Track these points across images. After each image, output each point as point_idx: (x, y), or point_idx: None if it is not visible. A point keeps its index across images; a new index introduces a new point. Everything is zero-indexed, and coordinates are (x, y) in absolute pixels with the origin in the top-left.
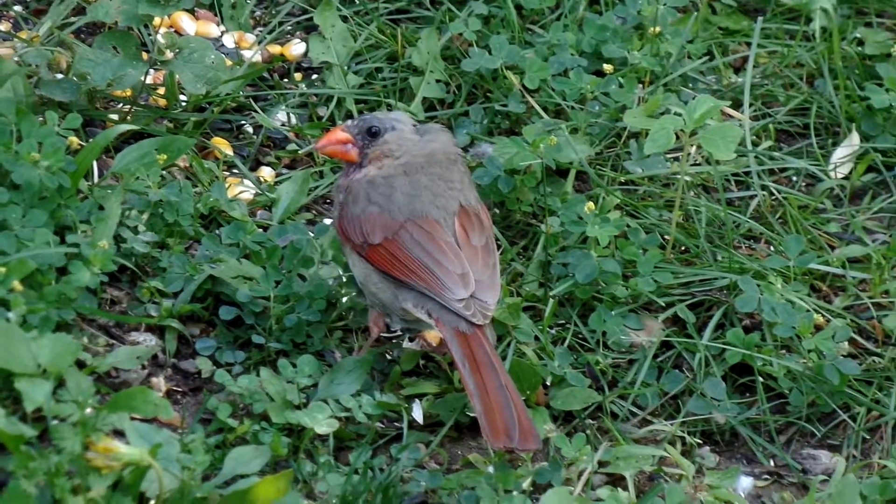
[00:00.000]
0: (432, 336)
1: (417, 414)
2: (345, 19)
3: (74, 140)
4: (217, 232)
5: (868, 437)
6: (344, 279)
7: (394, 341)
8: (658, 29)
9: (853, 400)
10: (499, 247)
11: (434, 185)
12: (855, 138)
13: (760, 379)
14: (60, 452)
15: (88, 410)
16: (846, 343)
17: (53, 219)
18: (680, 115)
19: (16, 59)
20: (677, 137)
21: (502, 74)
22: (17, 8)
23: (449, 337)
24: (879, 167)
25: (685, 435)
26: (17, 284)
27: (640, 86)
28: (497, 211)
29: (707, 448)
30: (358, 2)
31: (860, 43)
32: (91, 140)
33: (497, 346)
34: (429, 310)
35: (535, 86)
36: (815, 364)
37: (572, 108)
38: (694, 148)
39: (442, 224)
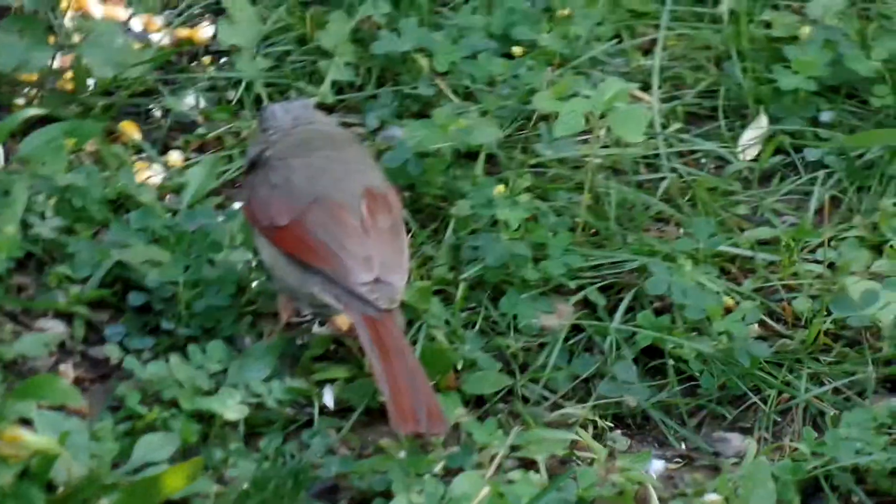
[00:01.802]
0: (342, 321)
1: (328, 399)
2: (254, 2)
3: None
4: (126, 217)
5: (779, 419)
6: (254, 264)
7: (304, 326)
8: (567, 11)
9: (764, 382)
10: (409, 230)
11: (332, 167)
12: (763, 120)
13: (671, 362)
14: None
15: None
16: (756, 325)
17: None
18: (589, 97)
19: None
20: (587, 120)
21: (412, 58)
22: None
23: (357, 322)
24: (787, 149)
25: (597, 419)
26: None
27: (550, 68)
28: (407, 194)
29: (619, 431)
30: None
31: (767, 25)
32: None
33: (407, 330)
34: (336, 294)
35: (444, 69)
36: (726, 346)
37: (482, 90)
38: (603, 130)
39: (347, 206)
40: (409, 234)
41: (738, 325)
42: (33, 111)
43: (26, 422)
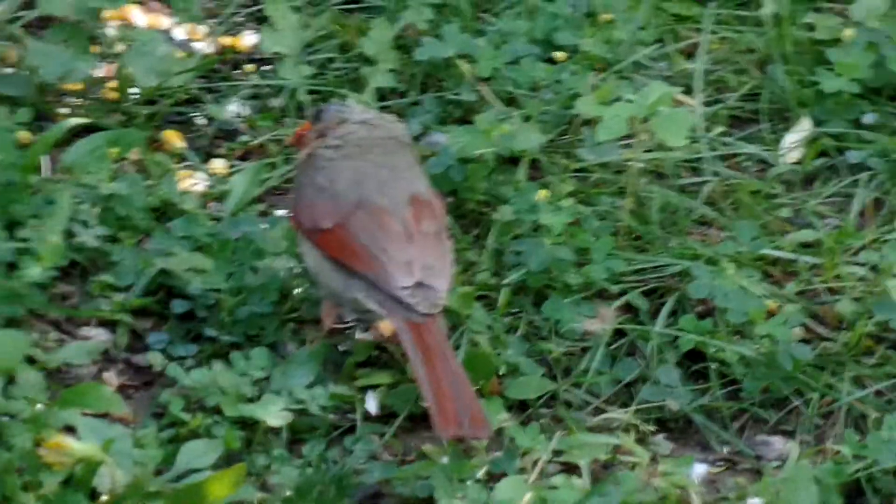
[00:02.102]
0: (385, 327)
1: (371, 405)
2: (296, 10)
3: (25, 134)
4: (169, 225)
5: (821, 422)
6: (297, 271)
7: (347, 332)
8: (609, 16)
9: (806, 385)
10: (452, 236)
11: (378, 172)
12: (806, 123)
13: (714, 365)
14: (11, 449)
15: (39, 407)
16: (799, 328)
17: (4, 214)
18: (632, 101)
19: None
20: (630, 124)
21: (454, 63)
22: None
23: (400, 327)
24: (830, 152)
25: (639, 423)
26: None
27: (593, 73)
28: (450, 200)
29: (661, 435)
30: None
31: (810, 28)
32: (42, 134)
33: (450, 335)
34: (379, 300)
35: (487, 74)
36: (768, 350)
37: (525, 96)
38: (646, 135)
39: (391, 211)
40: (452, 240)
41: (780, 328)
42: (77, 120)
43: (70, 429)
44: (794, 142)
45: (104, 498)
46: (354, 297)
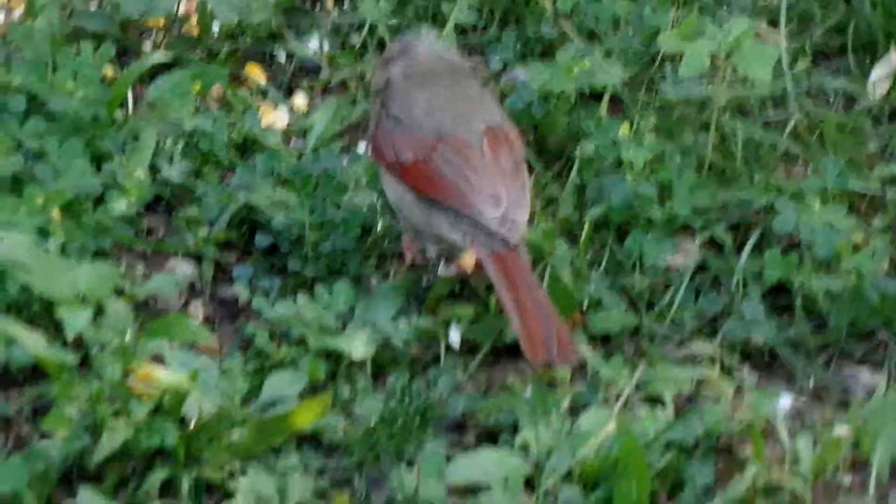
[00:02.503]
0: (467, 261)
1: (454, 338)
2: None
3: (109, 70)
4: (251, 160)
5: None
6: (378, 206)
7: (429, 266)
8: None
9: (893, 319)
10: (533, 171)
11: (453, 101)
12: (894, 57)
13: (799, 300)
14: (101, 379)
15: (128, 338)
16: (886, 262)
17: (89, 149)
18: (715, 36)
19: None
20: (712, 60)
21: None
22: None
23: (485, 257)
24: None
25: (724, 356)
26: (55, 214)
27: (674, 8)
28: (531, 136)
29: (746, 369)
30: None
31: None
32: (125, 70)
33: (533, 269)
34: (463, 231)
35: (567, 9)
36: (855, 284)
37: (606, 32)
38: (729, 70)
39: (471, 143)
40: (533, 176)
41: (867, 261)
42: (160, 56)
43: (158, 360)
44: (881, 75)
45: (193, 425)
46: (438, 230)
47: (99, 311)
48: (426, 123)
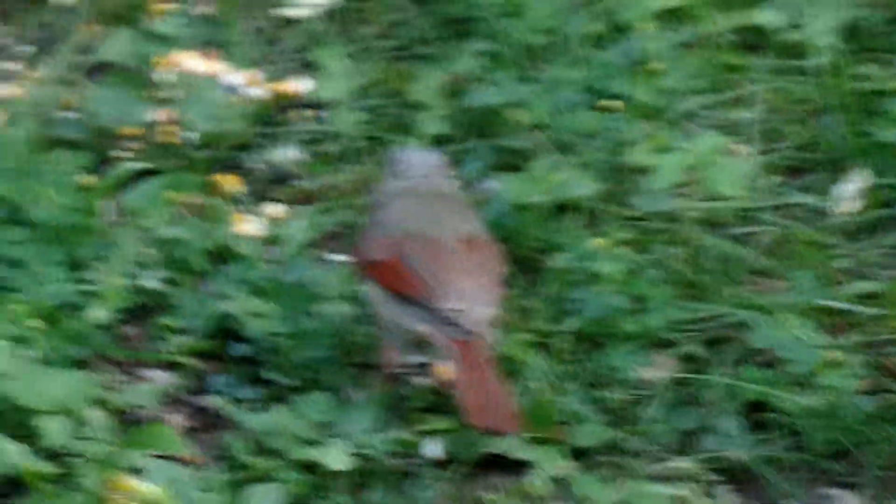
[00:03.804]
0: (443, 371)
1: (432, 451)
2: (349, 56)
3: (86, 178)
4: (226, 269)
5: (885, 475)
6: (355, 315)
7: (405, 377)
8: (661, 65)
9: (869, 438)
10: (506, 281)
11: (433, 209)
12: (861, 173)
13: (775, 416)
14: (80, 490)
15: (107, 447)
16: (861, 379)
17: (68, 257)
18: (686, 150)
19: (27, 98)
20: (683, 173)
21: (507, 111)
22: (27, 48)
23: (445, 344)
24: (889, 201)
25: (702, 473)
26: (35, 322)
27: (645, 122)
28: (504, 247)
29: (725, 487)
30: (361, 41)
31: (865, 78)
32: (102, 178)
33: (509, 381)
34: (429, 323)
35: (539, 122)
36: (831, 401)
37: (579, 144)
38: (700, 184)
39: (443, 243)
40: (507, 286)
41: (843, 379)
42: (136, 164)
43: (136, 471)
44: (849, 192)
45: None
46: (408, 324)
47: (78, 421)
48: (402, 224)
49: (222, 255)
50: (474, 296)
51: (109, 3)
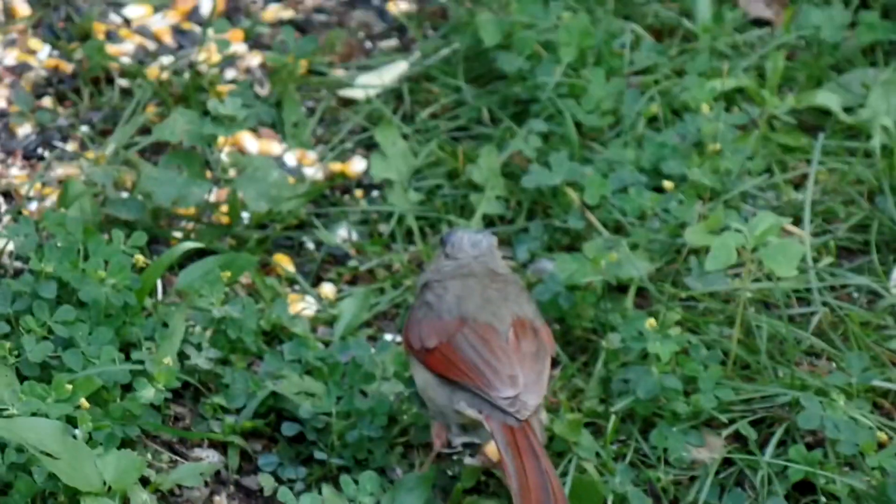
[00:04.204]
0: (492, 451)
1: None
2: (405, 137)
3: (140, 258)
4: (279, 348)
5: None
6: (406, 395)
7: (455, 458)
8: (717, 146)
9: None
10: (559, 362)
11: (485, 292)
12: None
13: (823, 498)
14: None
15: None
16: None
17: (119, 336)
18: (741, 231)
19: (83, 178)
20: (738, 254)
21: (562, 191)
22: (84, 128)
23: (496, 428)
24: None
25: None
26: (83, 402)
27: (700, 202)
28: (557, 327)
29: None
30: (418, 120)
31: None
32: (156, 258)
33: (557, 463)
34: (480, 408)
35: (595, 202)
36: (879, 482)
37: (632, 224)
38: (755, 264)
39: (496, 328)
40: (560, 366)
41: (892, 460)
42: (190, 244)
43: None
44: None
45: None
46: (457, 409)
47: (125, 501)
48: (454, 309)
49: (275, 335)
50: (526, 381)
51: (174, 84)
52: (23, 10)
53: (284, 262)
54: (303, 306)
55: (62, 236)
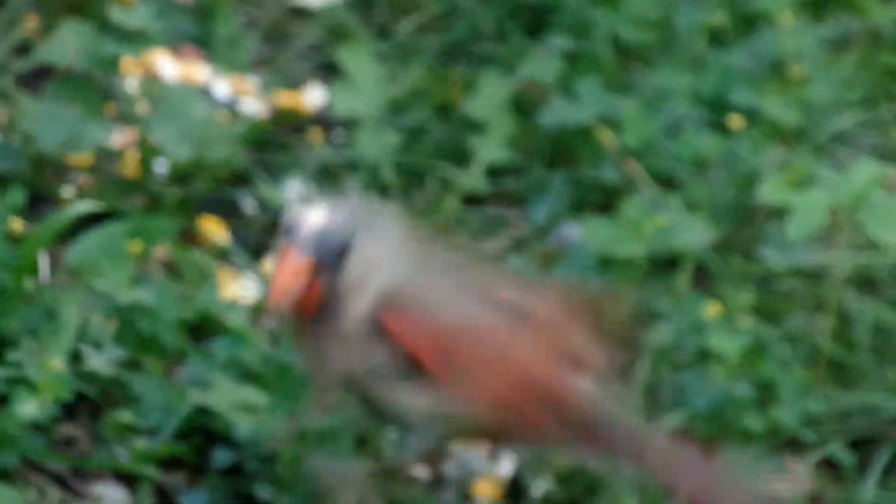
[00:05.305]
0: (482, 489)
1: None
2: (379, 58)
3: (18, 223)
4: (208, 347)
5: None
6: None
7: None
8: (802, 70)
9: None
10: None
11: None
12: None
13: None
14: None
15: None
16: None
17: None
18: (833, 185)
19: None
20: (830, 216)
21: (592, 131)
22: None
23: None
24: None
25: None
26: None
27: (780, 146)
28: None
29: None
30: (397, 35)
31: None
32: (39, 224)
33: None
34: None
35: (637, 145)
36: None
37: (688, 176)
38: (852, 230)
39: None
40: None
41: None
42: (86, 205)
43: None
44: None
45: None
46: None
47: None
48: None
49: (202, 329)
50: None
51: None
52: None
53: (215, 229)
54: (239, 289)
55: None
